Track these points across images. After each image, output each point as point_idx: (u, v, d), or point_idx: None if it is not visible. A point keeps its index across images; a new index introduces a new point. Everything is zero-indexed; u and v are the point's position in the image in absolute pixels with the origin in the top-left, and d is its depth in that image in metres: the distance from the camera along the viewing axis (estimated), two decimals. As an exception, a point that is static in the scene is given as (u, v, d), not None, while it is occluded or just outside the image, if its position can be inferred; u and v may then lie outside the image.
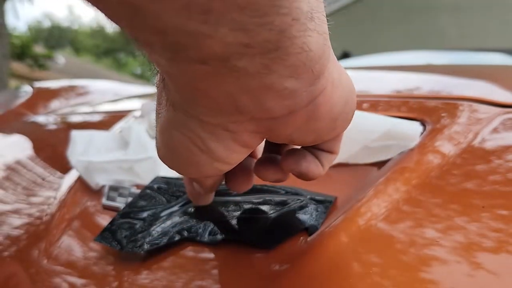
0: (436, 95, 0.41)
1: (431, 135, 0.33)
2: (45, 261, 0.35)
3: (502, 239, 0.22)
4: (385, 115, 0.37)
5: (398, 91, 0.46)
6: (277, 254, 0.27)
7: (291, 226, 0.28)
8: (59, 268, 0.34)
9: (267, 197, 0.32)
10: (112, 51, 28.25)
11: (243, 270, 0.27)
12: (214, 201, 0.33)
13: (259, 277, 0.26)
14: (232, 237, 0.29)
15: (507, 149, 0.29)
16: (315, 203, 0.30)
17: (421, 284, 0.21)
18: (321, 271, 0.23)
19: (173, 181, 0.38)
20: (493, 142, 0.31)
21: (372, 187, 0.28)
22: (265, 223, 0.29)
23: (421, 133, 0.34)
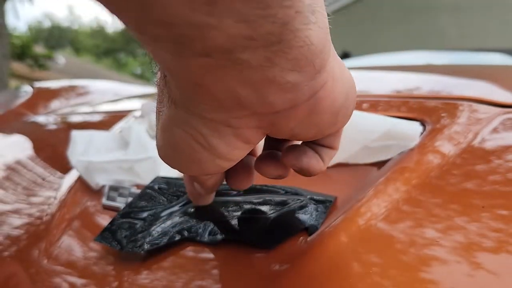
0: (436, 95, 0.41)
1: (431, 135, 0.33)
2: (45, 261, 0.35)
3: (502, 239, 0.22)
4: (385, 115, 0.37)
5: (398, 91, 0.46)
6: (277, 254, 0.27)
7: (291, 226, 0.28)
8: (59, 268, 0.34)
9: (267, 197, 0.32)
10: (112, 51, 28.25)
11: (243, 270, 0.27)
12: (214, 201, 0.33)
13: (259, 277, 0.26)
14: (232, 237, 0.29)
15: (507, 149, 0.29)
16: (315, 203, 0.30)
17: (421, 284, 0.21)
18: (321, 271, 0.23)
19: (173, 181, 0.38)
20: (493, 142, 0.31)
21: (372, 187, 0.28)
22: (265, 223, 0.29)
23: (421, 133, 0.34)
